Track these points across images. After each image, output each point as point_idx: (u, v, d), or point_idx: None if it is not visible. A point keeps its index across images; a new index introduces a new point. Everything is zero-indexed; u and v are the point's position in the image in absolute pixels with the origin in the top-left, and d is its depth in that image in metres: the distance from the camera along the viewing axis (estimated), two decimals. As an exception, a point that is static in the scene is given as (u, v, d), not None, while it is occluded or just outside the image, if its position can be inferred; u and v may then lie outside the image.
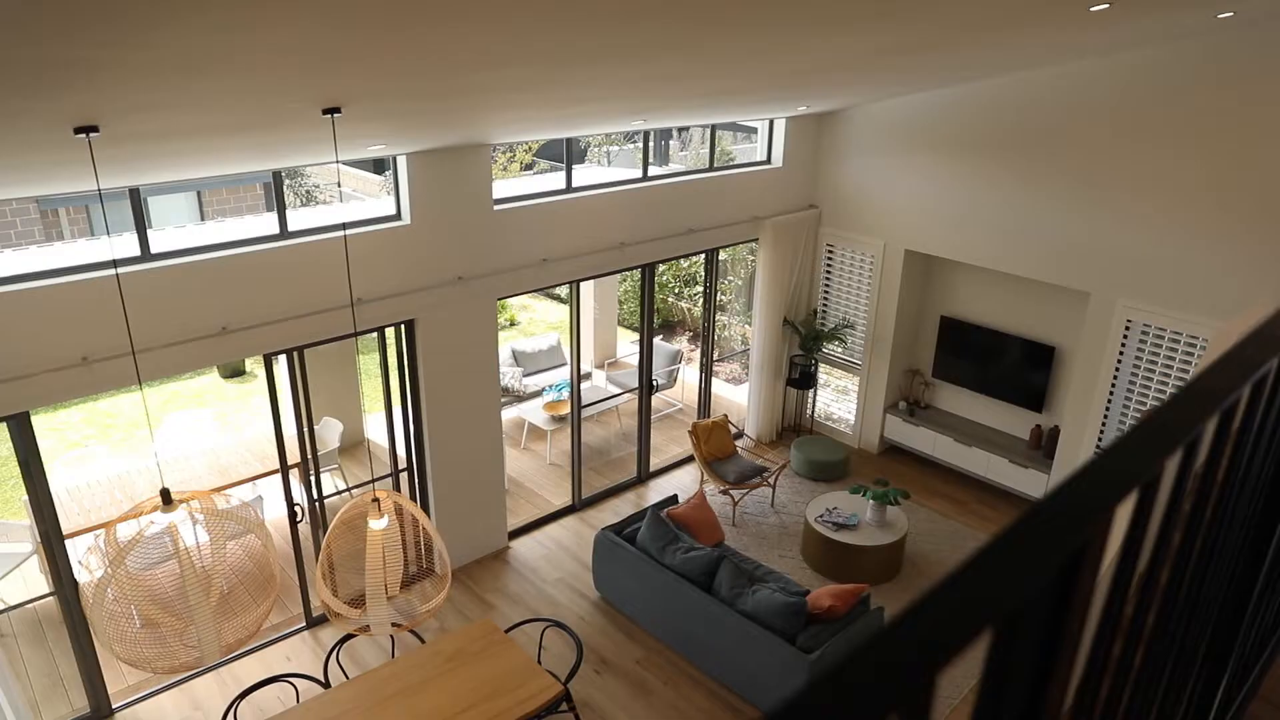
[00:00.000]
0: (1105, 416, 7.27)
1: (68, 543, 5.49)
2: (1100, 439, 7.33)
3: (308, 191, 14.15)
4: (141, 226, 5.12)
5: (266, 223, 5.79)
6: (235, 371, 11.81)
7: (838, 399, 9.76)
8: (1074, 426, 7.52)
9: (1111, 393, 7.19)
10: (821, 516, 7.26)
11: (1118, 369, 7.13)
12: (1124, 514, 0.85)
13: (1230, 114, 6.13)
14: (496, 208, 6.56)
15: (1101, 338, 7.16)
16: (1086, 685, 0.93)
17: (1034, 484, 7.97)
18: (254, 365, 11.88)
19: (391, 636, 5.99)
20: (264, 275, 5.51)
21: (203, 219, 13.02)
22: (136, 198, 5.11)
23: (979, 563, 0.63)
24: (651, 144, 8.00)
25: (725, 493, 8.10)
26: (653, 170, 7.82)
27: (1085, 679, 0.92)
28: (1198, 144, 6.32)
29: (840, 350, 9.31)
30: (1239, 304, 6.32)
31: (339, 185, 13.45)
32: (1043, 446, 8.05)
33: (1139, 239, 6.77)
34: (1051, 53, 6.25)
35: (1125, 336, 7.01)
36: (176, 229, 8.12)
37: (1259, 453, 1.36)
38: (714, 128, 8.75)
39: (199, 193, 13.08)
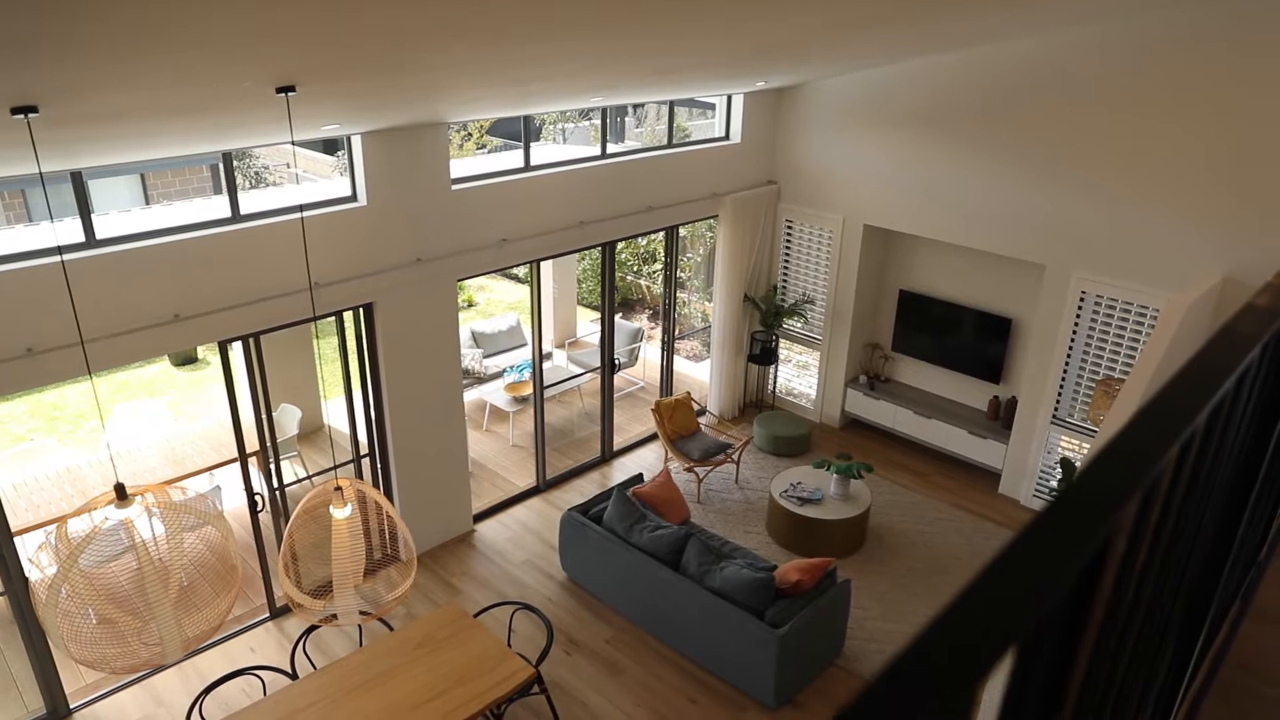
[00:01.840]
0: (1061, 386, 7.41)
1: (16, 540, 5.33)
2: (1056, 409, 7.47)
3: (257, 173, 13.80)
4: (85, 211, 4.93)
5: (217, 206, 5.62)
6: (187, 359, 11.53)
7: (799, 374, 9.82)
8: (1031, 397, 7.65)
9: (1067, 363, 7.32)
10: (786, 491, 7.31)
11: (1072, 340, 7.26)
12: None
13: (1183, 90, 6.23)
14: (454, 188, 6.45)
15: (1057, 309, 7.27)
16: (1093, 665, 0.92)
17: (993, 454, 8.11)
18: (206, 352, 11.60)
19: (359, 625, 5.93)
20: (216, 260, 5.35)
21: (147, 203, 12.64)
22: (79, 181, 4.93)
23: (1007, 564, 0.61)
24: (608, 121, 7.92)
25: (690, 470, 8.12)
26: (610, 147, 7.74)
27: (1092, 660, 0.92)
28: (1151, 119, 6.42)
29: (800, 326, 9.35)
30: (1189, 275, 6.45)
31: (288, 167, 13.13)
32: (1000, 417, 8.18)
33: (1093, 212, 6.87)
34: (1012, 26, 6.28)
35: (1080, 308, 7.13)
36: (121, 213, 7.86)
37: (1244, 421, 1.37)
38: (672, 104, 8.69)
39: (142, 175, 12.68)
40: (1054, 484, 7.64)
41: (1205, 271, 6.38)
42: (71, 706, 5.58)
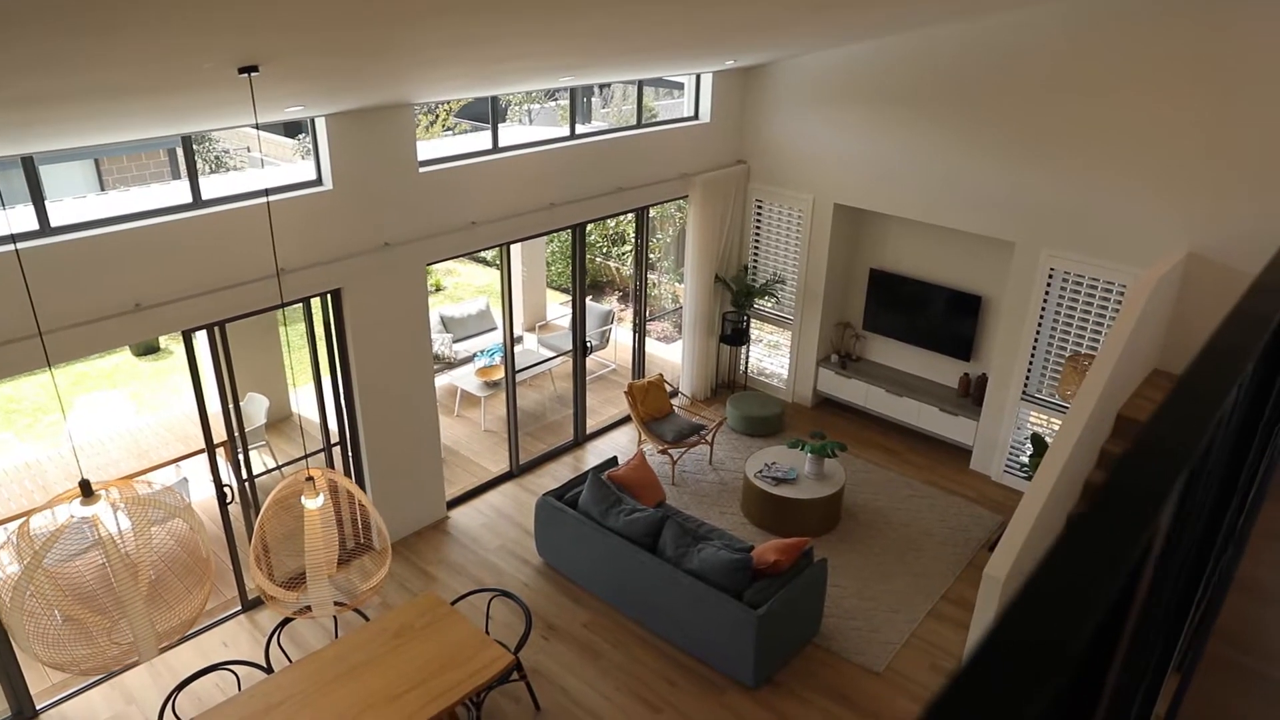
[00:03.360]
0: (1030, 363, 7.48)
1: (-23, 538, 5.18)
2: (1026, 385, 7.55)
3: (216, 157, 13.49)
4: (39, 198, 4.77)
5: (176, 191, 5.46)
6: (149, 349, 11.28)
7: (770, 354, 9.83)
8: (1001, 373, 7.72)
9: (1036, 339, 7.39)
10: (761, 472, 7.32)
11: (1041, 316, 7.32)
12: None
13: (1149, 67, 6.27)
14: (422, 170, 6.33)
15: (1026, 286, 7.33)
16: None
17: (964, 431, 8.18)
18: (169, 342, 11.36)
19: (334, 616, 5.85)
20: (178, 247, 5.21)
21: (103, 188, 12.31)
22: (31, 166, 4.76)
23: (1048, 583, 0.58)
24: (576, 101, 7.81)
25: (664, 452, 8.10)
26: (578, 128, 7.65)
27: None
28: (1118, 97, 6.45)
29: (772, 306, 9.35)
30: (1155, 251, 6.52)
31: (249, 151, 12.84)
32: (971, 394, 8.26)
33: (1061, 189, 6.92)
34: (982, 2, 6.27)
35: (1049, 284, 7.19)
36: (76, 200, 7.61)
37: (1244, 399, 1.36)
38: (640, 83, 8.60)
39: (97, 160, 12.34)
40: (1025, 459, 7.73)
41: (1171, 247, 6.46)
42: (38, 707, 5.45)
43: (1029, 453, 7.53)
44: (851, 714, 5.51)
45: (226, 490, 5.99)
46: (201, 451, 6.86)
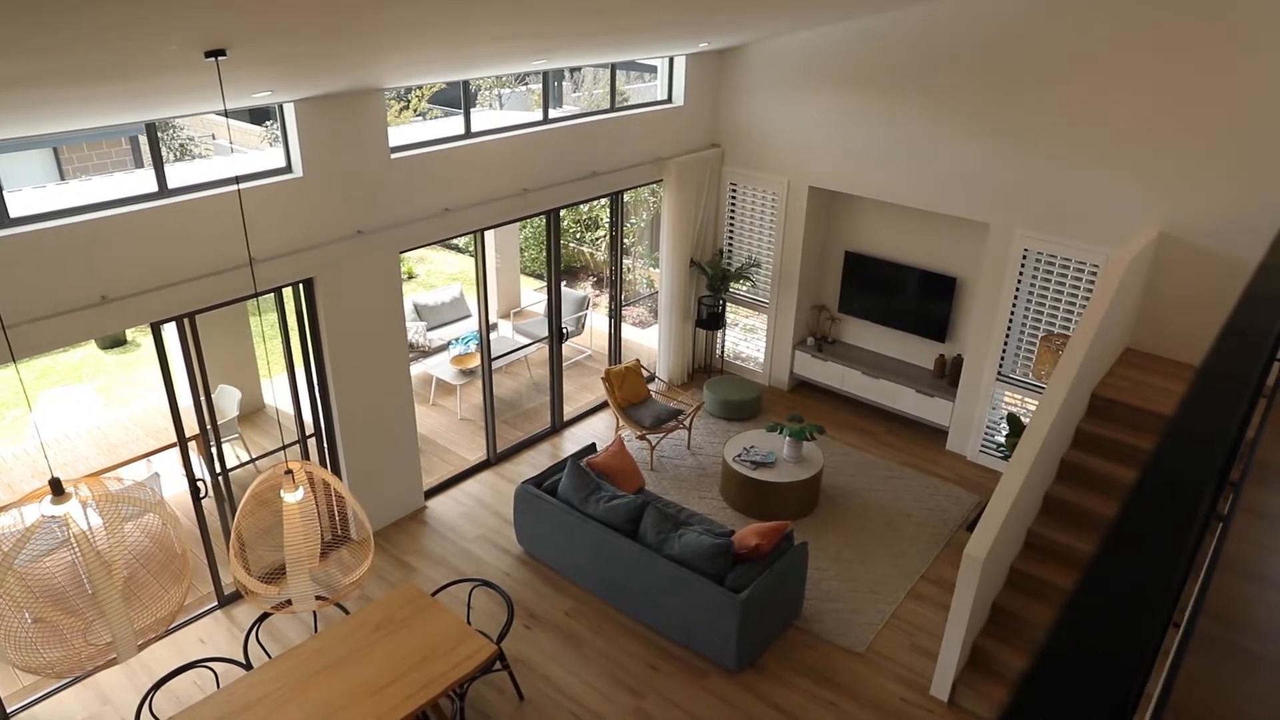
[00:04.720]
0: (1005, 343, 7.53)
1: (-58, 538, 5.04)
2: (1001, 365, 7.60)
3: (181, 145, 13.21)
4: (-3, 188, 4.63)
5: (141, 180, 5.32)
6: (115, 341, 11.05)
7: (746, 338, 9.83)
8: (976, 354, 7.77)
9: (1010, 320, 7.44)
10: (739, 456, 7.32)
11: (1015, 297, 7.36)
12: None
13: (1121, 48, 6.29)
14: (394, 156, 6.23)
15: (1000, 267, 7.37)
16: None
17: (939, 412, 8.23)
18: (136, 334, 11.14)
19: (314, 610, 5.78)
20: (145, 237, 5.08)
21: (63, 178, 12.01)
22: (-11, 157, 4.62)
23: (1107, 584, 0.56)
24: (549, 85, 7.73)
25: (642, 438, 8.08)
26: (551, 112, 7.56)
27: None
28: (1090, 77, 6.48)
29: (747, 289, 9.34)
30: (1126, 231, 6.58)
31: (213, 138, 12.58)
32: (947, 375, 8.30)
33: (1034, 170, 6.95)
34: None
35: (1022, 265, 7.24)
36: (35, 190, 7.40)
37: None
38: (613, 67, 8.51)
39: (55, 149, 12.04)
40: (1001, 439, 7.79)
41: (1142, 227, 6.51)
42: (9, 710, 5.34)
43: (1005, 433, 7.59)
44: (834, 695, 5.54)
45: (200, 484, 5.89)
46: (173, 446, 6.74)
